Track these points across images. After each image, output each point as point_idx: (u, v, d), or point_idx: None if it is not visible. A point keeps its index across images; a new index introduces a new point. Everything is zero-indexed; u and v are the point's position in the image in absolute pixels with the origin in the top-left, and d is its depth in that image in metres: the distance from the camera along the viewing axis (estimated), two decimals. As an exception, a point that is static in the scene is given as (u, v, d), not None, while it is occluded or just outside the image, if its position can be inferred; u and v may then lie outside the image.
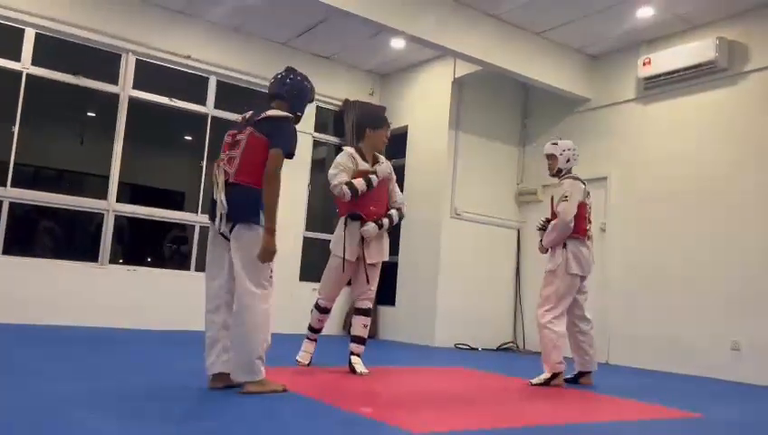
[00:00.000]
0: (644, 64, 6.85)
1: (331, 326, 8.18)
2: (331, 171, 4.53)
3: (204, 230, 7.27)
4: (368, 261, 4.50)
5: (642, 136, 7.04)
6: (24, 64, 6.57)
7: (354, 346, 4.52)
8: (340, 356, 4.85)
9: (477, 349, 7.58)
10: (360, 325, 4.53)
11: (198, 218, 7.33)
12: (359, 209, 4.47)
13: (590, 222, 4.83)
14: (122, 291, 6.67)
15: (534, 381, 4.52)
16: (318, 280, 4.79)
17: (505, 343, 7.91)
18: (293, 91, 3.69)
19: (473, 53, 6.76)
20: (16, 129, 6.47)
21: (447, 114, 7.82)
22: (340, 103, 8.55)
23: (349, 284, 4.75)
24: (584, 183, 4.81)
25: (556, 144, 4.90)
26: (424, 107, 8.25)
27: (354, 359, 4.49)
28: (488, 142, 8.10)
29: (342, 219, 4.54)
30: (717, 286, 6.12)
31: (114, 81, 7.10)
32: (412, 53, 7.98)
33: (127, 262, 7.42)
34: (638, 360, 6.62)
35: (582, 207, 4.72)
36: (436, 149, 7.94)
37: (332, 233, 4.66)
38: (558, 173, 4.84)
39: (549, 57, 7.28)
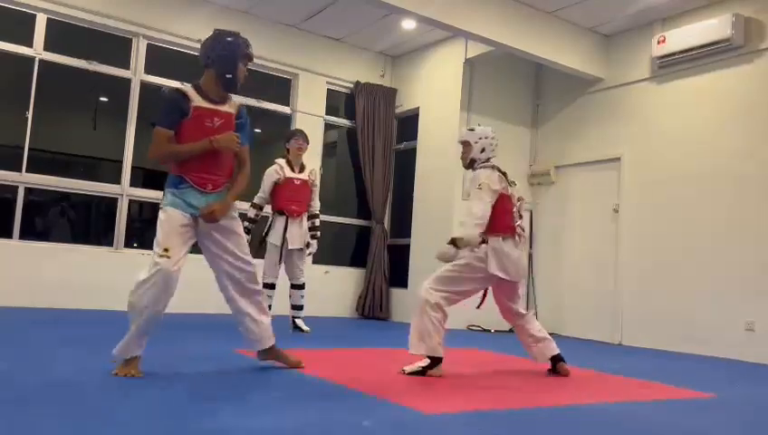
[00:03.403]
0: (658, 43, 6.76)
1: (344, 309, 8.24)
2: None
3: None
4: (289, 247, 5.63)
5: (656, 116, 6.96)
6: (37, 50, 6.60)
7: (297, 313, 5.81)
8: (351, 338, 4.89)
9: (490, 331, 7.59)
10: (299, 296, 5.79)
11: (211, 202, 7.36)
12: (283, 207, 5.64)
13: (520, 217, 4.18)
14: (137, 275, 6.72)
15: (408, 369, 3.81)
16: (329, 262, 4.87)
17: (518, 325, 7.90)
18: (213, 54, 3.30)
19: (484, 34, 6.69)
20: (30, 114, 6.52)
21: (459, 95, 7.77)
22: (351, 86, 8.52)
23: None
24: (503, 172, 4.14)
25: (473, 130, 4.24)
26: (435, 88, 8.20)
27: (299, 322, 5.80)
28: (500, 124, 8.04)
29: (272, 213, 5.76)
30: (732, 267, 6.08)
31: (126, 65, 7.12)
32: (423, 34, 7.93)
33: (141, 246, 7.47)
34: (652, 341, 6.61)
35: (505, 200, 4.06)
36: (447, 130, 7.90)
37: (343, 216, 4.98)
38: (471, 164, 4.19)
39: (562, 37, 7.20)
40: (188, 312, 6.64)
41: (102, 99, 7.97)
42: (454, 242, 3.92)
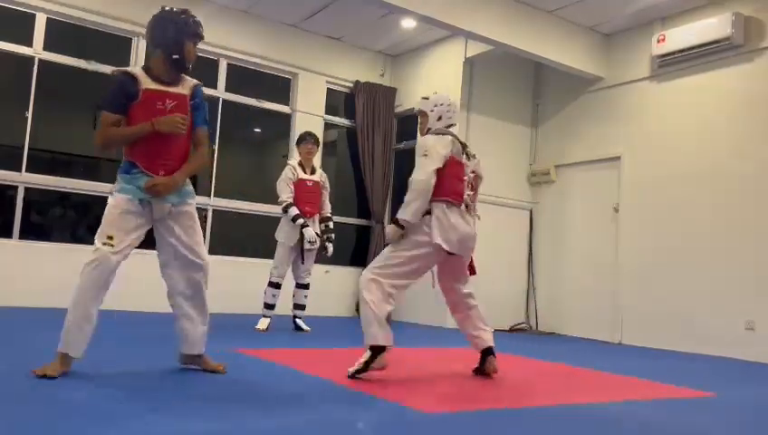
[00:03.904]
0: (658, 42, 6.75)
1: (344, 308, 8.24)
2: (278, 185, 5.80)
3: (217, 213, 7.32)
4: (305, 247, 5.68)
5: (656, 115, 6.96)
6: (36, 49, 6.59)
7: (299, 312, 5.93)
8: (351, 338, 4.88)
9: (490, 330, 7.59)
10: (302, 296, 5.92)
11: (212, 202, 7.36)
12: (298, 208, 5.66)
13: (472, 190, 3.80)
14: (138, 275, 6.71)
15: (351, 369, 3.43)
16: (329, 262, 4.89)
17: (518, 324, 7.92)
18: (159, 34, 3.16)
19: (484, 33, 6.68)
20: (30, 114, 6.51)
21: (459, 95, 7.75)
22: (351, 85, 8.52)
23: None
24: (460, 140, 3.83)
25: (427, 99, 3.95)
26: (435, 88, 8.11)
27: (299, 321, 5.92)
28: (500, 123, 8.05)
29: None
30: (732, 266, 6.08)
31: (126, 65, 7.10)
32: (423, 33, 7.92)
33: (140, 246, 7.47)
34: (652, 340, 6.60)
35: (456, 166, 3.70)
36: (447, 130, 7.89)
37: (343, 215, 4.93)
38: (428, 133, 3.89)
39: (562, 36, 7.19)
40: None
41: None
42: (398, 223, 3.59)
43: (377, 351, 3.43)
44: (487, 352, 3.86)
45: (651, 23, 7.00)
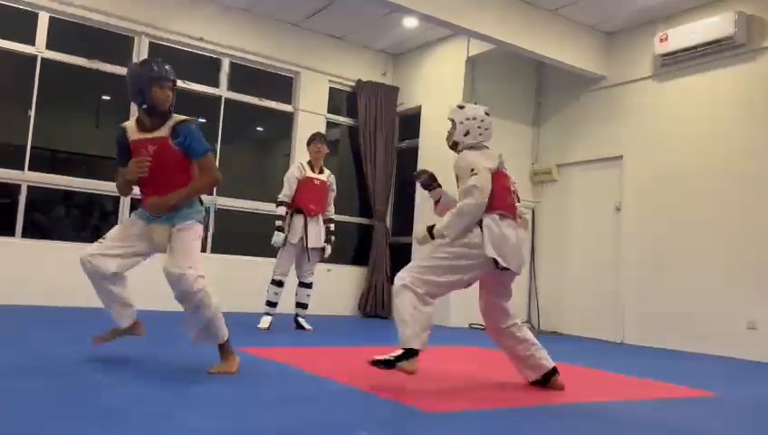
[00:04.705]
0: (661, 41, 6.75)
1: (346, 307, 8.25)
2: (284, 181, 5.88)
3: (219, 212, 7.32)
4: (309, 245, 5.74)
5: (658, 114, 6.95)
6: (39, 48, 6.61)
7: (301, 311, 5.93)
8: (353, 336, 4.90)
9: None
10: (305, 295, 5.92)
11: (215, 200, 7.36)
12: (302, 207, 5.76)
13: (518, 199, 3.65)
14: (140, 273, 6.73)
15: (375, 357, 3.26)
16: (331, 261, 4.90)
17: (520, 323, 7.90)
18: (129, 90, 3.32)
19: (486, 32, 6.68)
20: (32, 113, 6.53)
21: (461, 94, 7.75)
22: (353, 84, 8.52)
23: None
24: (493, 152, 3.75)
25: (462, 108, 3.86)
26: (437, 87, 8.20)
27: (301, 320, 5.91)
28: (502, 122, 7.99)
29: (289, 212, 5.80)
30: (733, 265, 6.07)
31: (127, 63, 7.12)
32: (425, 32, 7.92)
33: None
34: (654, 339, 6.60)
35: (502, 177, 3.59)
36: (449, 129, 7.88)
37: (345, 214, 4.98)
38: (454, 146, 3.82)
39: (564, 35, 7.18)
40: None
41: (105, 97, 7.98)
42: (430, 231, 3.46)
43: (408, 353, 3.22)
44: (553, 372, 3.56)
45: (654, 22, 6.99)
